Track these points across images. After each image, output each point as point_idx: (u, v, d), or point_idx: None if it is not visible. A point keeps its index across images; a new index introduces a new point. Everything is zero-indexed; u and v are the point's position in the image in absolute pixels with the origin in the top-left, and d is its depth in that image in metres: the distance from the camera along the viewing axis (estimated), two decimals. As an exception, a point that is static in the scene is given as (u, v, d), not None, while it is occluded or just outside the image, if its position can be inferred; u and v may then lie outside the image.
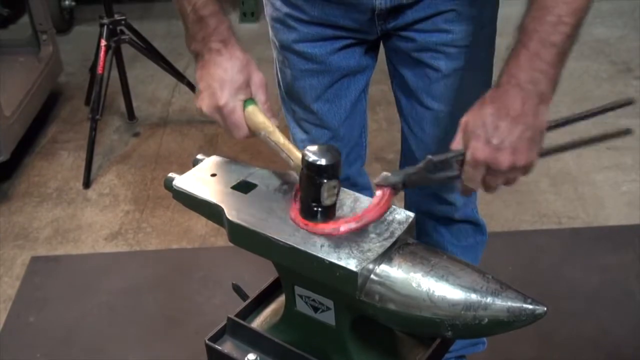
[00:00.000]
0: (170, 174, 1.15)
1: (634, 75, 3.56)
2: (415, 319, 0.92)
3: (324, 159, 0.95)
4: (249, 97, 1.14)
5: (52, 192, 2.88)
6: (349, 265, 0.92)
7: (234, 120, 1.12)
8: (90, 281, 2.43)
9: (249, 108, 1.13)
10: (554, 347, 2.08)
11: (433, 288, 0.91)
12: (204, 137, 3.19)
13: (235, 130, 1.14)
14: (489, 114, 1.02)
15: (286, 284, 1.07)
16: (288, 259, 0.98)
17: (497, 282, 0.91)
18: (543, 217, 2.63)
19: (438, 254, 0.95)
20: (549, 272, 2.34)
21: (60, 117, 3.40)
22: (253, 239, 1.01)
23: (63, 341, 2.19)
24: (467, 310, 0.89)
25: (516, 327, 0.90)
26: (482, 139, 1.01)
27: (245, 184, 1.10)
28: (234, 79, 1.12)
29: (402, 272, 0.93)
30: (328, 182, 0.95)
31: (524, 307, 0.88)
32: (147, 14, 4.36)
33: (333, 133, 1.56)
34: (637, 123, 3.28)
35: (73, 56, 3.82)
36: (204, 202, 1.09)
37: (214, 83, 1.12)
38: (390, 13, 1.36)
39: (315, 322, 1.05)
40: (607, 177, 2.83)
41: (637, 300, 2.24)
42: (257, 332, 1.10)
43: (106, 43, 2.99)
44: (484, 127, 1.01)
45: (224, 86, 1.12)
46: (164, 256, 2.53)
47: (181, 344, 2.08)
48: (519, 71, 1.03)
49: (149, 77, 3.62)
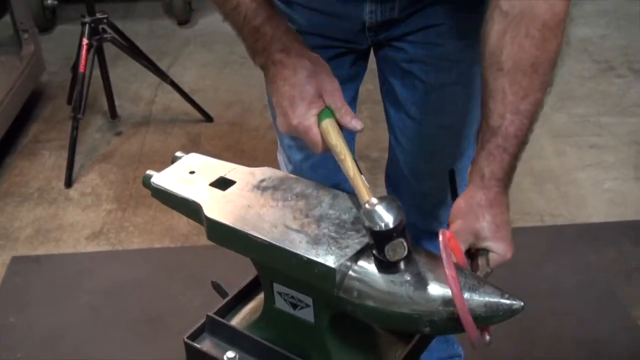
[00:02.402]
0: (149, 171, 1.14)
1: (617, 73, 3.58)
2: (393, 315, 0.92)
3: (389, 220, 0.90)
4: (323, 108, 1.08)
5: (34, 192, 2.86)
6: (327, 261, 0.92)
7: (311, 138, 1.07)
8: (72, 281, 2.41)
9: (323, 125, 1.07)
10: (535, 344, 2.09)
11: (411, 284, 0.91)
12: (187, 136, 3.18)
13: (313, 148, 1.09)
14: (495, 215, 1.05)
15: (265, 281, 1.07)
16: (266, 255, 0.98)
17: (474, 278, 0.91)
18: (526, 215, 2.64)
19: (416, 250, 0.95)
20: (532, 270, 2.35)
21: (42, 116, 3.38)
22: (231, 236, 1.00)
23: (44, 342, 2.17)
24: (445, 306, 0.89)
25: (494, 322, 0.90)
26: (505, 239, 1.06)
27: (223, 181, 1.10)
28: (303, 94, 1.06)
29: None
30: (393, 243, 0.90)
31: (501, 302, 0.88)
32: (129, 13, 4.34)
33: None
34: (617, 121, 3.33)
35: (55, 55, 3.80)
36: (182, 199, 1.08)
37: (284, 102, 1.07)
38: (381, 26, 1.35)
39: (294, 319, 1.05)
40: (589, 175, 2.85)
41: (619, 297, 2.25)
42: (236, 330, 1.10)
43: (88, 41, 2.97)
44: (500, 229, 1.05)
45: (294, 104, 1.06)
46: (146, 256, 2.52)
47: (164, 344, 2.07)
48: (503, 174, 1.06)
49: (131, 76, 3.60)
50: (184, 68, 3.72)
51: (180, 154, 1.19)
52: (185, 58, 3.84)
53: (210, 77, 3.65)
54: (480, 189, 1.06)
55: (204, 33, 4.08)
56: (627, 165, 2.90)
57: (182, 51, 3.91)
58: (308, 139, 1.07)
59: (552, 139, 3.06)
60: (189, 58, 3.83)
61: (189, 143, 3.11)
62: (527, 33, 1.04)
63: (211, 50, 3.90)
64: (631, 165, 2.90)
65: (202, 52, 3.90)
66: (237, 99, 3.44)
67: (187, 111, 3.29)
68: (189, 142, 3.12)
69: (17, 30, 3.27)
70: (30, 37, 3.30)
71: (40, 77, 3.50)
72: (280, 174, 1.11)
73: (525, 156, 1.12)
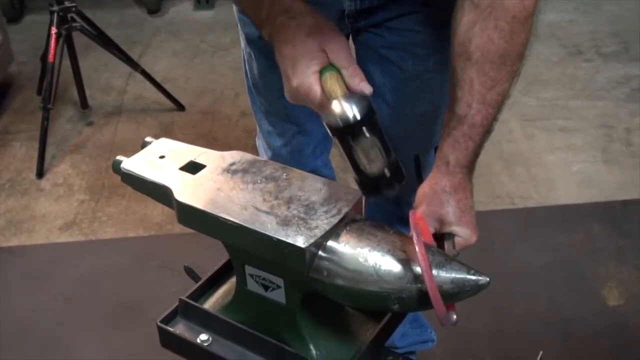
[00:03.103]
0: (119, 157, 1.15)
1: (584, 57, 3.62)
2: (363, 294, 0.93)
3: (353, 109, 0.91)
4: (327, 65, 0.98)
5: (5, 183, 2.83)
6: (297, 242, 0.93)
7: (311, 100, 0.98)
8: (46, 272, 2.40)
9: (325, 76, 0.96)
10: (507, 323, 2.12)
11: (379, 262, 0.92)
12: (159, 125, 3.16)
13: (317, 107, 0.98)
14: (459, 200, 1.08)
15: (236, 263, 1.08)
16: (237, 238, 0.99)
17: (441, 255, 0.93)
18: (497, 198, 2.67)
19: (384, 230, 0.96)
20: (503, 251, 2.39)
21: (11, 107, 3.34)
22: (202, 219, 1.01)
23: (18, 333, 2.16)
24: (413, 283, 0.90)
25: (461, 298, 0.91)
26: (469, 223, 1.09)
27: (193, 165, 1.10)
28: (302, 50, 0.97)
29: (349, 248, 0.94)
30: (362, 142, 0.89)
31: (468, 277, 0.90)
32: (99, 2, 4.28)
33: (299, 128, 1.54)
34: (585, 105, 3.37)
35: (24, 45, 3.74)
36: (152, 183, 1.08)
37: (286, 65, 0.98)
38: (360, 14, 1.35)
39: (266, 300, 1.06)
40: (558, 158, 2.88)
41: (587, 277, 2.29)
42: (208, 313, 1.11)
43: (57, 31, 2.93)
44: (464, 214, 1.08)
45: (295, 63, 0.97)
46: (120, 245, 2.51)
47: (139, 332, 2.07)
48: (467, 161, 1.10)
49: (102, 66, 3.56)
50: (155, 57, 3.69)
51: (150, 139, 1.20)
52: (156, 47, 3.81)
53: (182, 66, 3.63)
54: (445, 175, 1.09)
55: (175, 22, 4.05)
56: (595, 148, 2.94)
57: (153, 40, 3.87)
58: (310, 100, 0.98)
59: (522, 123, 3.09)
60: (159, 47, 3.80)
61: (161, 132, 3.09)
62: (496, 25, 1.06)
63: (182, 39, 3.87)
64: (599, 148, 2.94)
65: (173, 41, 3.87)
66: (209, 88, 3.42)
67: (159, 100, 3.27)
68: (161, 131, 3.10)
69: (-16, 20, 3.23)
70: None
71: (9, 68, 3.45)
72: (249, 157, 1.12)
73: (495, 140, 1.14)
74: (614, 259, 2.36)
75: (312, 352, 1.05)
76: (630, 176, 2.76)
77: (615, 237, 2.44)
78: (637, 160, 2.86)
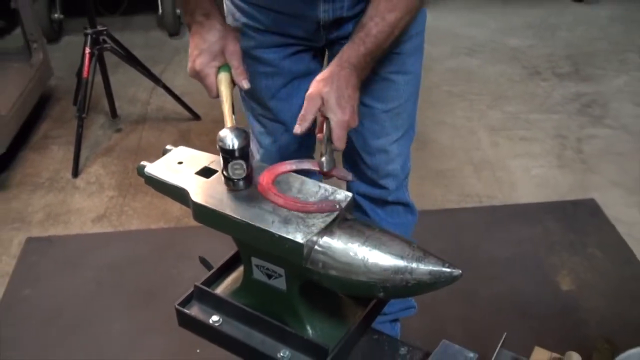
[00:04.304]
0: (142, 162, 1.13)
1: (542, 77, 3.62)
2: (353, 283, 0.92)
3: (234, 142, 0.98)
4: (224, 64, 1.18)
5: (45, 182, 2.81)
6: (296, 238, 0.92)
7: (207, 84, 1.18)
8: (79, 258, 2.38)
9: (220, 75, 1.18)
10: (476, 305, 2.11)
11: (367, 256, 0.91)
12: (178, 132, 3.15)
13: (208, 91, 1.19)
14: (340, 87, 1.12)
15: (244, 255, 1.07)
16: (244, 233, 0.98)
17: (421, 250, 0.92)
18: (466, 197, 2.66)
19: (372, 228, 0.95)
20: (472, 244, 2.38)
21: (51, 116, 3.32)
22: (214, 217, 1.00)
23: (55, 312, 2.15)
24: (396, 274, 0.89)
25: (438, 287, 0.90)
26: (344, 107, 1.11)
27: (207, 170, 1.09)
28: (210, 49, 1.17)
29: (342, 243, 0.93)
30: (233, 162, 0.99)
31: (443, 270, 0.89)
32: (127, 26, 4.27)
33: (286, 127, 1.54)
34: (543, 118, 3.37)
35: (62, 62, 3.73)
36: (172, 186, 1.07)
37: (195, 51, 1.18)
38: (333, 24, 1.35)
39: (270, 287, 1.05)
40: (519, 164, 2.88)
41: (544, 266, 2.29)
42: (220, 297, 1.10)
43: (90, 50, 2.92)
44: (341, 98, 1.12)
45: (201, 54, 1.17)
46: (144, 235, 2.49)
47: (158, 312, 2.06)
48: (356, 61, 1.15)
49: (129, 81, 3.55)
50: (174, 74, 3.68)
51: (170, 147, 1.18)
52: (175, 65, 3.79)
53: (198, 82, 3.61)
54: (336, 66, 1.15)
55: (192, 43, 4.03)
56: (551, 155, 2.94)
57: (173, 59, 3.86)
58: (205, 83, 1.18)
59: (488, 132, 3.09)
60: (179, 65, 3.78)
61: (179, 138, 3.08)
62: None
63: (198, 58, 3.85)
64: (555, 155, 2.94)
65: (190, 60, 3.85)
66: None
67: (178, 111, 3.26)
68: (179, 137, 3.09)
69: (28, 40, 3.21)
70: (39, 47, 3.24)
71: (48, 82, 3.43)
72: (255, 164, 1.11)
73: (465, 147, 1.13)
74: (566, 251, 2.35)
75: (308, 332, 1.04)
76: (581, 179, 2.76)
77: (568, 232, 2.44)
78: (586, 165, 2.85)
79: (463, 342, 1.04)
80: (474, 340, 1.17)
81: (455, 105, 3.33)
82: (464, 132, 3.09)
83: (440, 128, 3.12)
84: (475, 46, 4.00)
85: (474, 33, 4.16)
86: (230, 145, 0.98)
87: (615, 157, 2.90)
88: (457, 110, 3.28)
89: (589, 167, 2.84)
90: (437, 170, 2.80)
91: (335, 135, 1.11)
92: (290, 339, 1.02)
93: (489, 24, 4.29)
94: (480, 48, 3.98)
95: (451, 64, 3.78)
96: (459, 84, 3.55)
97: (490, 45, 4.01)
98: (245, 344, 1.03)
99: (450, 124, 3.16)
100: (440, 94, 3.44)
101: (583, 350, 1.17)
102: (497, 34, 4.14)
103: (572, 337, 1.97)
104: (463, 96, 3.42)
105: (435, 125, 3.14)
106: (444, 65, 3.75)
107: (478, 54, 3.90)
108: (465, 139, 3.03)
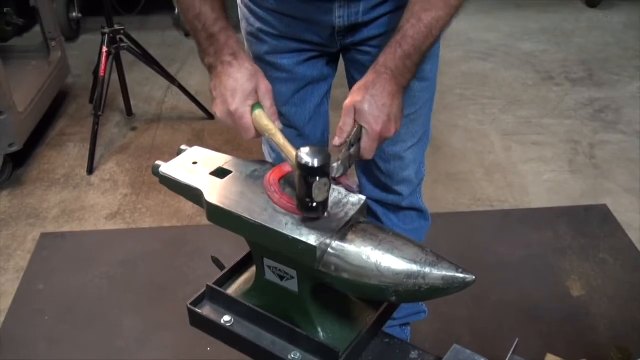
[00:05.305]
0: (157, 162, 1.13)
1: (555, 82, 3.60)
2: (365, 286, 0.91)
3: (315, 160, 0.89)
4: (257, 103, 1.11)
5: (60, 178, 2.83)
6: (309, 240, 0.91)
7: (243, 123, 1.10)
8: (92, 254, 2.39)
9: (256, 112, 1.11)
10: (484, 308, 2.10)
11: (380, 260, 0.90)
12: (192, 132, 3.15)
13: (244, 132, 1.12)
14: (374, 95, 1.08)
15: (256, 256, 1.06)
16: (258, 235, 0.97)
17: (434, 255, 0.91)
18: (478, 201, 2.65)
19: (385, 231, 0.94)
20: (482, 247, 2.37)
21: (67, 113, 3.34)
22: (228, 217, 0.99)
23: (68, 306, 2.16)
24: (409, 278, 0.89)
25: (450, 293, 0.89)
26: (377, 117, 1.07)
27: (221, 171, 1.08)
28: (243, 88, 1.10)
29: (354, 247, 0.92)
30: (319, 181, 0.89)
31: (456, 275, 0.88)
32: (144, 25, 4.29)
33: (299, 132, 1.53)
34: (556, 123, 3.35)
35: (79, 61, 3.74)
36: (186, 186, 1.07)
37: (227, 92, 1.10)
38: (348, 30, 1.34)
39: (281, 288, 1.04)
40: (531, 168, 2.86)
41: (554, 271, 2.27)
42: (231, 298, 1.09)
43: (107, 49, 2.93)
44: (374, 107, 1.07)
45: (235, 94, 1.10)
46: (156, 233, 2.49)
47: (170, 309, 2.07)
48: (394, 65, 1.10)
49: (145, 80, 3.56)
50: (189, 73, 3.68)
51: (184, 147, 1.17)
52: (191, 65, 3.80)
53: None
54: (373, 72, 1.11)
55: (207, 43, 4.04)
56: (563, 160, 2.91)
57: (188, 59, 3.86)
58: (241, 123, 1.10)
59: (501, 137, 3.07)
60: (194, 64, 3.79)
61: (193, 138, 3.08)
62: None
63: (213, 58, 3.85)
64: (566, 160, 2.91)
65: (205, 59, 3.85)
66: (235, 100, 3.40)
67: (192, 110, 3.26)
68: (193, 136, 3.09)
69: (46, 38, 3.22)
70: (57, 45, 3.25)
71: (66, 80, 3.44)
72: (269, 165, 1.10)
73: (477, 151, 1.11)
74: (577, 256, 2.33)
75: (319, 334, 1.04)
76: (592, 185, 2.73)
77: (579, 237, 2.42)
78: (599, 171, 2.83)
79: (473, 347, 1.03)
80: (483, 345, 1.16)
81: (468, 109, 3.31)
82: (477, 136, 3.07)
83: (452, 131, 3.11)
84: (488, 50, 3.98)
85: (488, 37, 4.14)
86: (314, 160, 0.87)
87: (627, 163, 2.87)
88: (470, 114, 3.26)
89: (601, 172, 2.82)
90: (449, 173, 2.79)
91: (364, 144, 1.08)
92: (301, 341, 1.01)
93: (503, 28, 4.26)
94: (493, 52, 3.95)
95: (464, 68, 3.76)
96: (472, 88, 3.53)
97: (503, 49, 3.99)
98: (256, 344, 1.03)
99: (463, 128, 3.15)
100: (453, 97, 3.43)
101: (593, 357, 1.15)
102: (511, 39, 4.11)
103: (582, 342, 1.94)
104: (476, 100, 3.40)
105: (447, 128, 3.13)
106: (458, 69, 3.74)
107: (491, 58, 3.88)
108: (477, 143, 3.01)
